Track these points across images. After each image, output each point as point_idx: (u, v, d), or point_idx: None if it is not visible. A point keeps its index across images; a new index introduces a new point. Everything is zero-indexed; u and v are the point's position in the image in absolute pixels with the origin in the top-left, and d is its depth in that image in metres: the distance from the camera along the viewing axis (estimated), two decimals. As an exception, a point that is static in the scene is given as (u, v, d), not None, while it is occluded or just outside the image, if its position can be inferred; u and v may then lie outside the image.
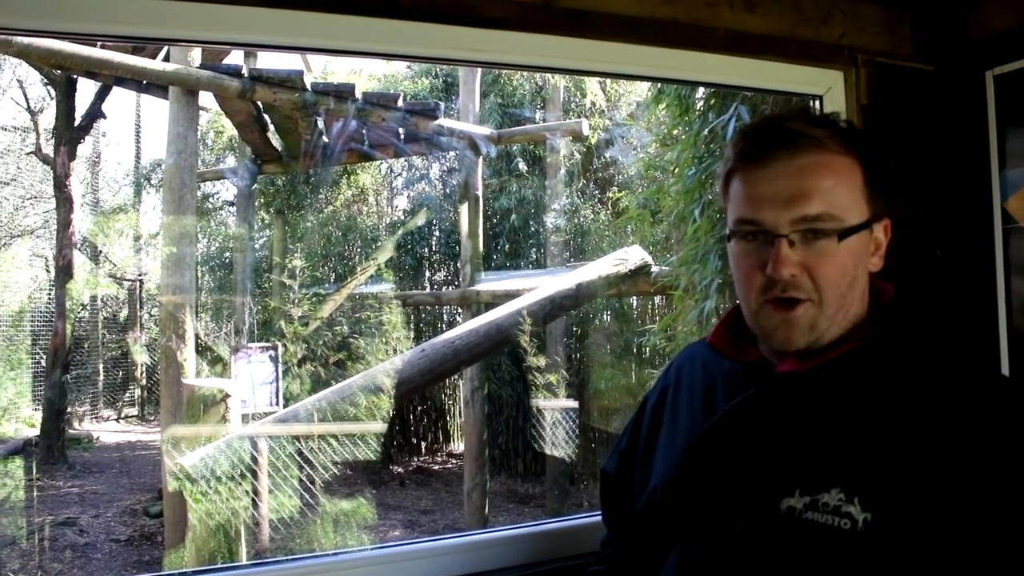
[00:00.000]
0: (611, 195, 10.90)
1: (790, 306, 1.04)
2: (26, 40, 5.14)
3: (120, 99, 17.69)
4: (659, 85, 5.10)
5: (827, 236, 1.02)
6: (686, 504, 1.13)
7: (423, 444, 11.22)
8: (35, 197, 12.22)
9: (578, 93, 11.09)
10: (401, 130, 7.68)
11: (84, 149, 11.23)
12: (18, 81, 11.05)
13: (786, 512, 0.98)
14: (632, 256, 7.12)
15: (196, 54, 6.25)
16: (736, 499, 1.05)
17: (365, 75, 12.06)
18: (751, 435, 1.08)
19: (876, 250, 1.09)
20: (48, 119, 10.32)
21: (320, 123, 7.57)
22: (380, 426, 6.03)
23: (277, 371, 6.66)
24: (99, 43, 5.51)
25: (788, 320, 1.05)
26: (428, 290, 11.44)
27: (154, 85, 6.58)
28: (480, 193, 8.30)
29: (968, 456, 0.91)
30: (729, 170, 1.11)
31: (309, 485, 5.96)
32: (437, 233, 11.65)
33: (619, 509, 1.38)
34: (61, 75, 8.69)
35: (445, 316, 11.43)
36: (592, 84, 10.85)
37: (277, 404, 6.51)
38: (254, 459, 5.39)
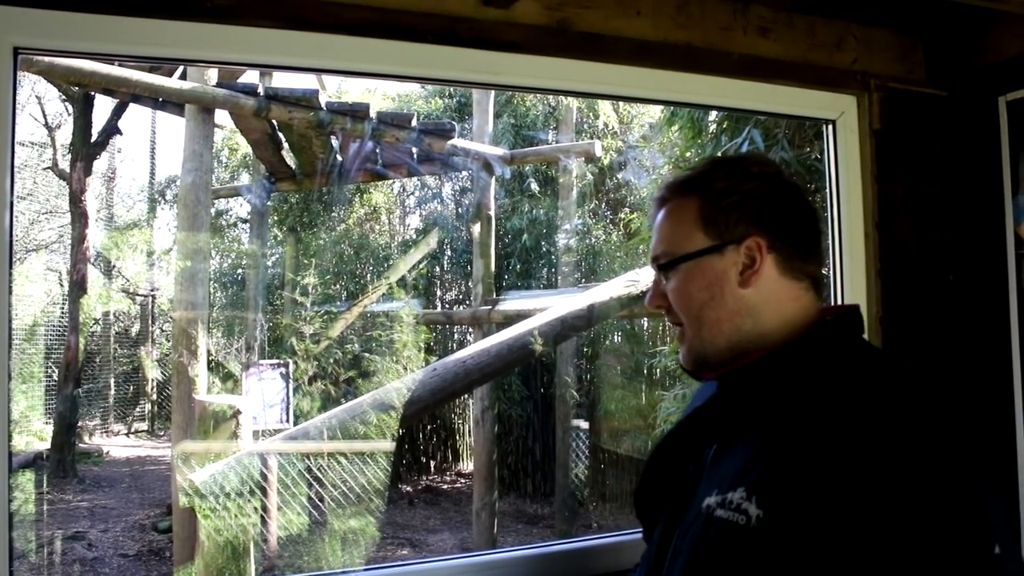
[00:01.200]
0: (623, 216, 10.92)
1: (679, 329, 1.21)
2: (49, 59, 5.22)
3: (136, 116, 17.85)
4: (672, 107, 5.12)
5: (663, 268, 1.20)
6: (647, 507, 1.25)
7: (432, 463, 11.19)
8: (50, 212, 12.32)
9: (591, 114, 11.13)
10: (415, 150, 7.72)
11: (100, 165, 11.34)
12: (37, 97, 11.16)
13: (705, 509, 1.07)
14: (644, 277, 7.11)
15: (212, 72, 6.32)
16: (681, 500, 1.16)
17: (379, 94, 12.14)
18: (698, 443, 1.18)
19: (748, 267, 1.14)
20: (65, 135, 10.41)
21: (334, 142, 7.62)
22: (390, 445, 6.03)
23: (288, 388, 6.68)
24: (117, 61, 5.58)
25: (679, 341, 1.22)
26: (440, 309, 11.45)
27: (170, 102, 6.65)
28: (492, 213, 8.32)
29: (844, 469, 0.95)
30: None
31: (318, 503, 5.96)
32: (449, 252, 11.67)
33: None
34: (79, 92, 8.77)
35: (456, 335, 11.43)
36: (605, 106, 10.89)
37: (287, 421, 6.52)
38: (264, 476, 5.39)
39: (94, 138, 9.34)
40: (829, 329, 1.14)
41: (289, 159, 8.04)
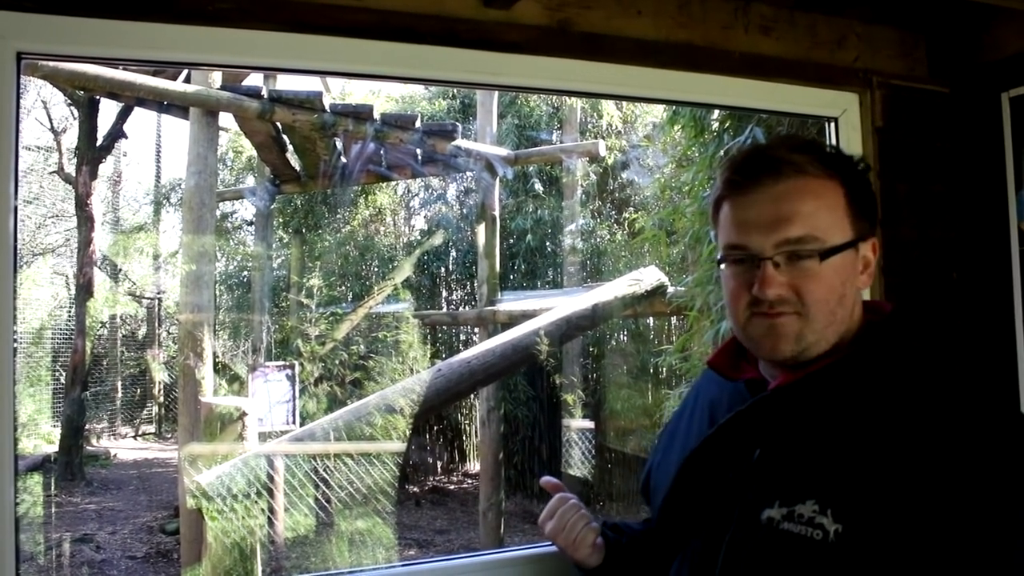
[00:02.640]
0: (627, 216, 10.92)
1: (782, 316, 1.09)
2: (53, 63, 5.23)
3: (141, 119, 17.90)
4: (675, 107, 5.12)
5: (810, 257, 1.07)
6: (681, 516, 1.19)
7: (439, 464, 11.20)
8: (57, 216, 12.37)
9: (595, 114, 11.13)
10: (418, 151, 7.73)
11: (105, 169, 11.34)
12: (42, 102, 11.20)
13: (766, 522, 1.02)
14: (648, 277, 7.12)
15: (216, 76, 6.33)
16: (724, 510, 1.09)
17: (383, 96, 12.15)
18: (740, 448, 1.11)
19: (864, 268, 1.12)
20: (71, 139, 10.46)
21: (338, 144, 7.63)
22: (396, 445, 6.03)
23: (294, 390, 6.68)
24: (121, 65, 5.60)
25: (774, 327, 1.09)
26: (445, 309, 11.46)
27: (175, 106, 6.67)
28: (497, 213, 8.32)
29: (932, 478, 0.92)
30: (718, 197, 1.17)
31: (325, 504, 5.97)
32: (454, 253, 11.68)
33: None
34: (84, 96, 8.81)
35: (462, 336, 11.44)
36: (609, 105, 10.88)
37: (294, 423, 6.53)
38: (270, 477, 5.40)
39: (99, 142, 9.38)
40: (895, 333, 1.12)
41: (293, 161, 8.06)
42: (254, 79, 6.74)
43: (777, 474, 1.06)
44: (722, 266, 1.16)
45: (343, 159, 7.92)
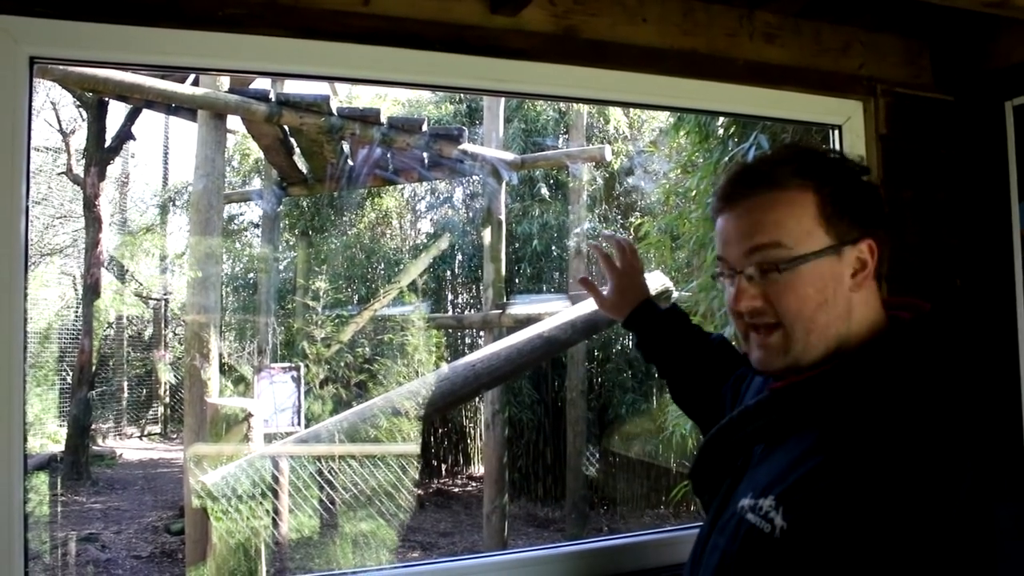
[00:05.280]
0: (633, 221, 10.92)
1: (768, 331, 1.13)
2: (63, 67, 5.26)
3: (149, 121, 17.94)
4: (679, 113, 5.13)
5: (776, 268, 1.09)
6: (700, 490, 1.28)
7: (443, 466, 11.21)
8: (65, 216, 12.41)
9: (601, 119, 11.13)
10: (425, 155, 7.75)
11: (113, 170, 11.42)
12: (51, 103, 11.24)
13: (739, 510, 1.08)
14: (653, 282, 7.11)
15: (224, 79, 6.36)
16: (725, 495, 1.17)
17: (390, 100, 12.18)
18: (742, 440, 1.19)
19: (859, 271, 1.11)
20: (79, 140, 10.48)
21: (346, 147, 7.65)
22: (401, 448, 6.04)
23: (299, 392, 6.70)
24: (131, 69, 5.63)
25: (764, 345, 1.14)
26: (450, 313, 11.47)
27: (183, 108, 6.69)
28: (503, 218, 8.33)
29: (872, 493, 0.95)
30: (712, 211, 1.22)
31: (329, 505, 5.98)
32: (460, 257, 11.70)
33: None
34: (93, 98, 8.85)
35: (468, 339, 11.45)
36: (616, 111, 10.89)
37: (299, 424, 6.55)
38: (275, 478, 5.42)
39: (108, 143, 9.41)
40: (899, 341, 1.11)
41: (300, 164, 8.08)
42: (262, 82, 6.77)
43: (762, 467, 1.12)
44: (717, 280, 1.23)
45: (350, 162, 7.94)
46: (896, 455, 0.96)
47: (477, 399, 9.45)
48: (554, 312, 6.97)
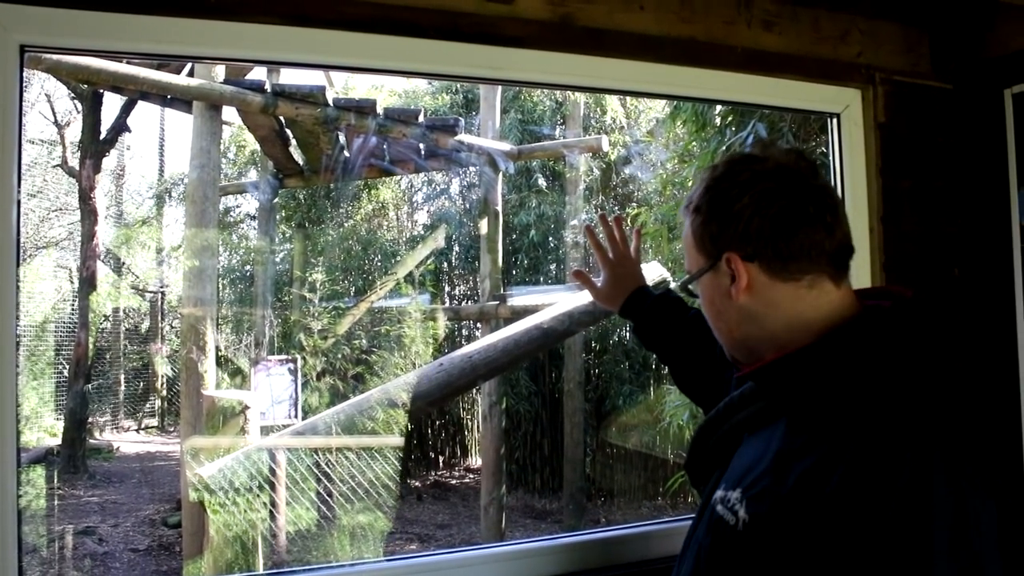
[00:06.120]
0: (630, 211, 10.90)
1: None
2: (55, 56, 5.23)
3: (145, 113, 17.89)
4: (676, 102, 5.11)
5: (687, 286, 1.25)
6: (696, 482, 1.31)
7: (441, 458, 11.22)
8: (60, 209, 12.36)
9: (598, 109, 11.12)
10: (421, 146, 7.72)
11: (109, 162, 11.36)
12: (46, 95, 11.20)
13: (713, 501, 1.12)
14: (650, 272, 7.10)
15: (220, 69, 6.33)
16: (713, 485, 1.20)
17: (386, 91, 12.15)
18: (729, 430, 1.23)
19: (735, 281, 1.13)
20: (74, 133, 10.45)
21: (341, 138, 7.63)
22: (398, 440, 6.04)
23: (296, 384, 6.69)
24: (125, 59, 5.60)
25: None
26: (447, 305, 11.45)
27: (178, 99, 6.67)
28: (500, 208, 8.31)
29: (817, 489, 0.95)
30: None
31: (326, 497, 5.98)
32: (457, 248, 11.68)
33: None
34: (88, 89, 8.80)
35: (465, 331, 11.44)
36: (613, 101, 10.88)
37: (296, 417, 6.54)
38: (272, 471, 5.42)
39: (103, 135, 9.38)
40: (860, 329, 1.07)
41: (296, 155, 8.06)
42: (257, 73, 6.75)
43: (736, 459, 1.16)
44: None
45: (346, 153, 7.92)
46: (839, 445, 0.96)
47: (474, 391, 9.46)
48: (553, 303, 6.96)
